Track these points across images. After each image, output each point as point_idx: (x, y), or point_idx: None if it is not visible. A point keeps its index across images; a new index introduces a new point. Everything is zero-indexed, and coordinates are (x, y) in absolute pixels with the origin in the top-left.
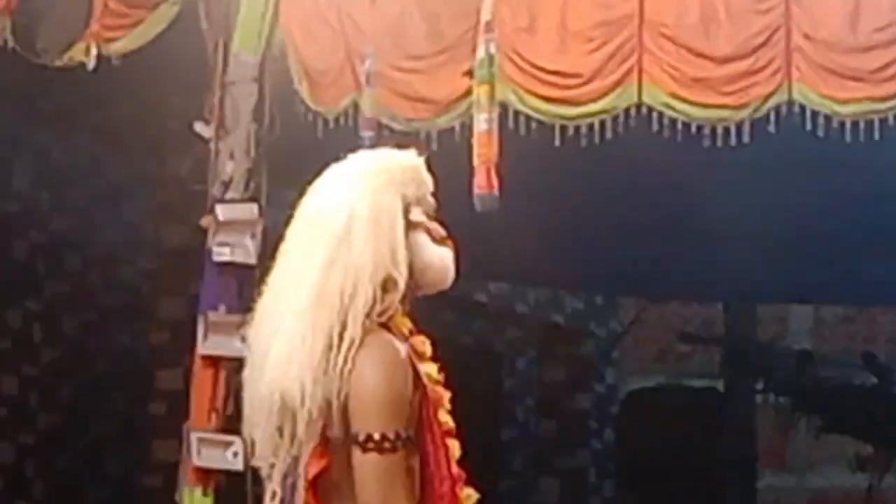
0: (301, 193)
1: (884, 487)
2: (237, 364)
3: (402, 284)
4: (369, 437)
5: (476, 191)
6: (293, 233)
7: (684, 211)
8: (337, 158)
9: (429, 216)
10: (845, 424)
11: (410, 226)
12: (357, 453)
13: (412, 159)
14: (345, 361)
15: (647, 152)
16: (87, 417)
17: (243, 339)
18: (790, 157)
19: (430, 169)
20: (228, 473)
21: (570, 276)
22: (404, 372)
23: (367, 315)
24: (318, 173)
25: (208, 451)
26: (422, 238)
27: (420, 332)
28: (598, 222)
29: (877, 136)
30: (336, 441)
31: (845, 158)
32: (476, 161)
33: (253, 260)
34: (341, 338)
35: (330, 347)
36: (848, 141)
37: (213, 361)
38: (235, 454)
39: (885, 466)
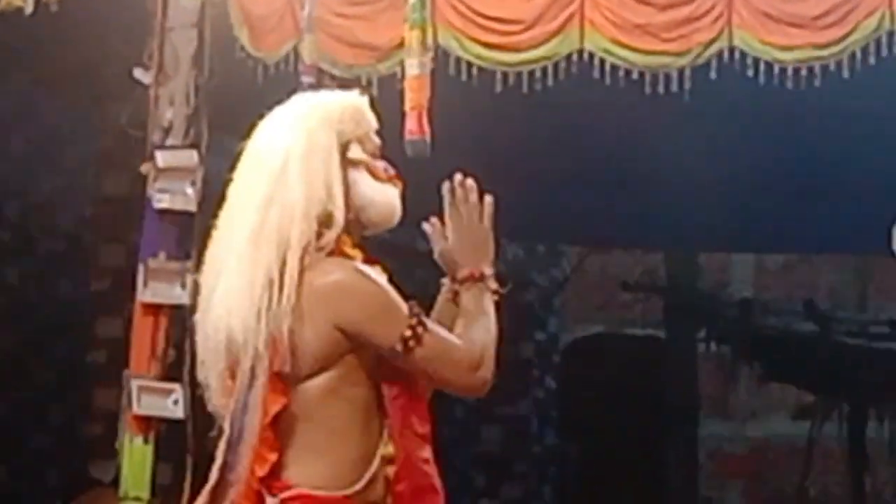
0: (247, 137)
1: (824, 435)
2: (177, 311)
3: (339, 218)
4: (404, 339)
5: (407, 136)
6: (237, 174)
7: (626, 159)
8: (278, 104)
9: (373, 155)
10: (787, 373)
11: (350, 163)
12: (406, 359)
13: (352, 99)
14: (288, 297)
15: (589, 99)
16: (28, 366)
17: (183, 286)
18: (732, 105)
19: (374, 110)
20: (169, 421)
21: (512, 225)
22: (368, 269)
23: (305, 250)
24: (259, 119)
25: (148, 399)
26: (361, 175)
27: (374, 261)
28: (539, 170)
29: (818, 83)
30: (292, 378)
31: (787, 106)
32: (407, 106)
33: (193, 207)
34: (282, 273)
35: (271, 283)
36: (790, 88)
37: (154, 309)
38: (176, 402)
39: (826, 415)
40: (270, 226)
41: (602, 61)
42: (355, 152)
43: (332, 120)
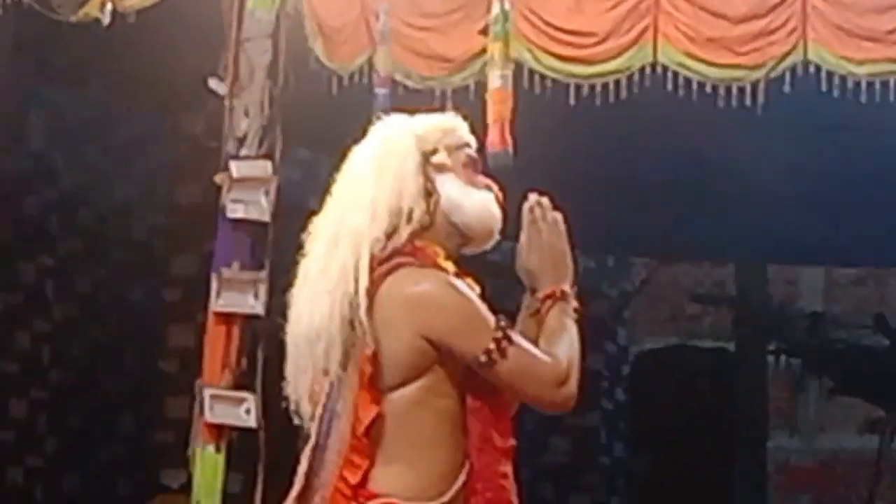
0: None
1: (894, 450)
2: (250, 321)
3: (417, 214)
4: (488, 352)
5: (489, 148)
6: (332, 190)
7: (697, 172)
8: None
9: (466, 167)
10: (856, 387)
11: (435, 167)
12: (491, 371)
13: (441, 116)
14: (362, 284)
15: (661, 112)
16: (100, 374)
17: (257, 296)
18: (805, 118)
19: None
20: (240, 430)
21: (582, 236)
22: (457, 281)
23: (379, 242)
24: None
25: (221, 408)
26: (448, 179)
27: (467, 273)
28: (611, 182)
29: (892, 97)
30: (385, 389)
31: (860, 119)
32: (490, 118)
33: (267, 217)
34: (356, 266)
35: (345, 273)
36: (864, 101)
37: (227, 318)
38: (248, 411)
39: (895, 429)
40: (346, 228)
41: (675, 74)
42: (441, 157)
43: (413, 130)
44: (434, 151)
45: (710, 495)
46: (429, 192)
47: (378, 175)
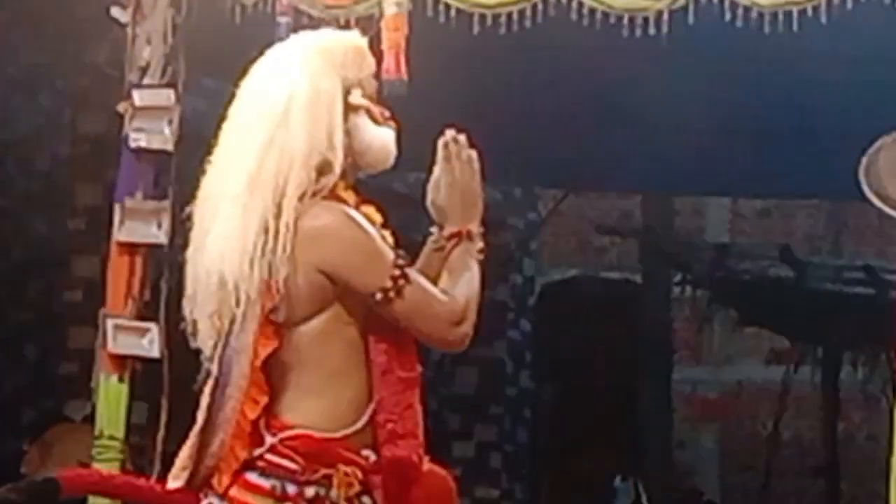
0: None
1: (798, 380)
2: (154, 251)
3: (337, 168)
4: (384, 290)
5: (384, 76)
6: (234, 114)
7: (603, 102)
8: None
9: (371, 98)
10: (761, 318)
11: (350, 108)
12: (386, 309)
13: (355, 40)
14: (283, 246)
15: (567, 41)
16: (3, 305)
17: (160, 226)
18: (710, 49)
19: (371, 50)
20: (144, 360)
21: (488, 167)
22: (357, 216)
23: (301, 198)
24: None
25: (124, 338)
26: (362, 121)
27: (369, 202)
28: (515, 113)
29: (795, 27)
30: (286, 321)
31: (764, 50)
32: (385, 45)
33: (170, 146)
34: (277, 220)
35: (266, 230)
36: (766, 32)
37: (130, 248)
38: (151, 341)
39: (800, 360)
40: (268, 171)
41: (580, 4)
42: (356, 97)
43: (335, 64)
44: (350, 89)
45: (615, 425)
46: (346, 134)
47: (309, 126)
